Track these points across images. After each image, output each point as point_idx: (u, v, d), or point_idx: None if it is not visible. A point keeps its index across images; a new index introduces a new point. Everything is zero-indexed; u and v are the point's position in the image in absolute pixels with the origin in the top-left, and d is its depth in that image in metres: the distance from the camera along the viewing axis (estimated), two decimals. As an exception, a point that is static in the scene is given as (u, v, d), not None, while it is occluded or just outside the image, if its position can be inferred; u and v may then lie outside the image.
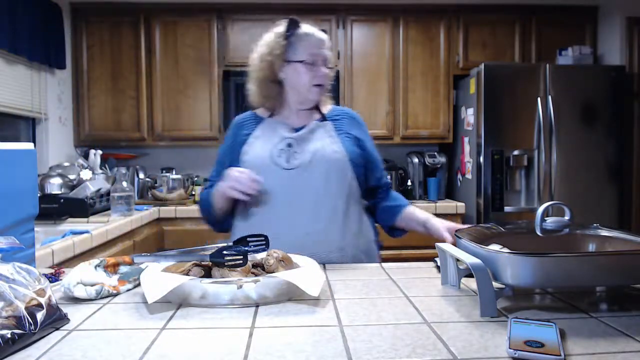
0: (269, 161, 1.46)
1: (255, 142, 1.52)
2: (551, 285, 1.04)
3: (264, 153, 1.48)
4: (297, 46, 1.51)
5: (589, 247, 1.12)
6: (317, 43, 1.52)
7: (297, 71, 1.50)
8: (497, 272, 0.93)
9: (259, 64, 1.55)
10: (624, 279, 0.95)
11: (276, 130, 1.52)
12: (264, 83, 1.55)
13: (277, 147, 1.48)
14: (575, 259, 0.91)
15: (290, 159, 1.46)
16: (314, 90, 1.51)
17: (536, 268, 0.90)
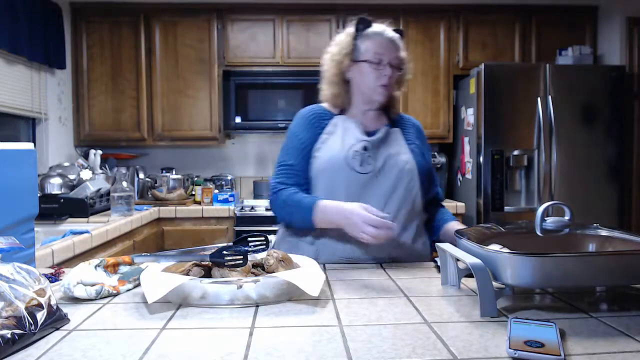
0: (343, 162, 1.43)
1: (328, 139, 1.48)
2: (551, 285, 1.04)
3: (338, 153, 1.44)
4: (363, 46, 1.48)
5: (589, 247, 1.12)
6: (384, 43, 1.48)
7: (362, 71, 1.48)
8: (497, 272, 0.93)
9: (330, 63, 1.54)
10: (624, 279, 0.95)
11: (350, 131, 1.48)
12: (334, 82, 1.54)
13: (353, 149, 1.44)
14: (575, 259, 0.91)
15: (364, 163, 1.43)
16: (379, 90, 1.48)
17: (536, 268, 0.90)
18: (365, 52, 1.48)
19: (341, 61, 1.51)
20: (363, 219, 1.23)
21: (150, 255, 1.14)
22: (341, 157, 1.44)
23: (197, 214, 3.30)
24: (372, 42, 1.48)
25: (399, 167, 1.45)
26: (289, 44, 3.64)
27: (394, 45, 1.49)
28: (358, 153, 1.44)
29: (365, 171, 1.43)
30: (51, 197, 2.65)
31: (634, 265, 0.92)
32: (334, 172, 1.43)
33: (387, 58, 1.47)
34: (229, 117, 3.58)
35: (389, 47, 1.48)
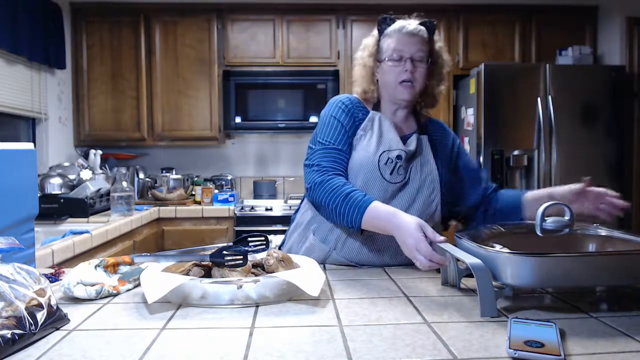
0: (375, 166, 1.38)
1: (364, 137, 1.43)
2: (551, 285, 1.04)
3: (373, 155, 1.39)
4: (384, 45, 1.45)
5: (589, 247, 1.12)
6: (402, 38, 1.42)
7: (383, 70, 1.44)
8: (497, 272, 0.93)
9: (358, 67, 1.51)
10: (624, 279, 0.95)
11: (386, 133, 1.43)
12: (364, 80, 1.50)
13: (386, 155, 1.39)
14: (575, 259, 0.91)
15: (394, 172, 1.39)
16: (400, 88, 1.42)
17: (536, 268, 0.89)
18: (385, 51, 1.44)
19: (367, 64, 1.48)
20: (417, 245, 1.09)
21: (150, 255, 1.14)
22: (374, 160, 1.39)
23: (197, 214, 3.30)
24: (391, 39, 1.44)
25: (421, 179, 1.41)
26: (289, 44, 3.64)
27: (415, 38, 1.42)
28: (391, 161, 1.39)
29: (395, 181, 1.39)
30: (51, 197, 2.65)
31: (634, 265, 0.92)
32: (364, 174, 1.38)
33: (407, 53, 1.41)
34: (229, 117, 3.58)
35: (409, 41, 1.41)
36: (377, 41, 1.47)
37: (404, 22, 1.46)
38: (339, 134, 1.42)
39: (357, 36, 3.68)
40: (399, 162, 1.39)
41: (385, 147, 1.40)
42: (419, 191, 1.41)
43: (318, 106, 3.55)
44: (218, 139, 3.66)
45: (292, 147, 3.98)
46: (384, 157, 1.39)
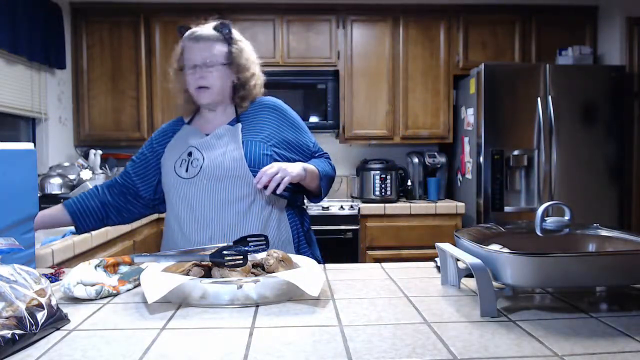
0: (172, 172, 1.47)
1: (167, 153, 1.54)
2: (551, 285, 1.04)
3: (171, 163, 1.49)
4: (183, 53, 1.51)
5: (589, 247, 1.12)
6: (189, 45, 1.48)
7: (185, 78, 1.51)
8: (497, 272, 0.93)
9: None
10: (624, 279, 0.95)
11: (186, 139, 1.52)
12: (175, 91, 1.60)
13: (181, 157, 1.48)
14: (575, 259, 0.91)
15: (189, 168, 1.45)
16: (197, 93, 1.49)
17: (536, 268, 0.90)
18: (183, 58, 1.51)
19: (175, 72, 1.56)
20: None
21: (150, 255, 1.14)
22: (171, 165, 1.48)
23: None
24: (185, 47, 1.50)
25: (223, 166, 1.42)
26: (289, 44, 3.64)
27: (202, 44, 1.46)
28: (184, 160, 1.46)
29: (190, 176, 1.44)
30: (51, 197, 2.65)
31: (634, 265, 0.92)
32: (170, 185, 1.48)
33: (198, 60, 1.46)
34: (229, 117, 3.57)
35: (197, 48, 1.46)
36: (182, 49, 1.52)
37: (195, 29, 1.51)
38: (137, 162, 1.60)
39: (357, 36, 3.68)
40: (190, 157, 1.46)
41: (180, 151, 1.49)
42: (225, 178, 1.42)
43: (318, 106, 3.55)
44: (218, 139, 3.66)
45: (292, 147, 3.98)
46: (178, 162, 1.47)
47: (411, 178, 3.76)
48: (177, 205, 1.47)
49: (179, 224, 1.47)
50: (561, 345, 0.77)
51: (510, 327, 0.86)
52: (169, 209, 1.53)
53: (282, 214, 1.50)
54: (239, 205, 1.43)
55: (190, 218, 1.44)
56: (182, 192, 1.46)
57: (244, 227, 1.42)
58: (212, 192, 1.43)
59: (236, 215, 1.43)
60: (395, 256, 3.30)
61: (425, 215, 3.41)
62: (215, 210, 1.42)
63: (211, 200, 1.43)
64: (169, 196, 1.51)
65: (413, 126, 3.72)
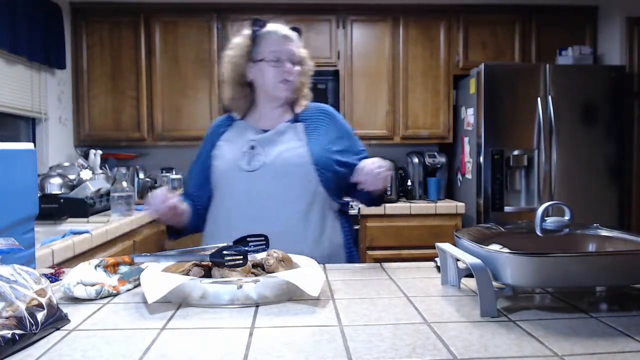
0: (233, 164, 1.47)
1: (223, 145, 1.53)
2: (551, 285, 1.04)
3: (229, 156, 1.49)
4: (260, 45, 1.52)
5: (589, 247, 1.12)
6: (280, 40, 1.52)
7: (262, 70, 1.51)
8: (497, 272, 0.93)
9: (228, 66, 1.58)
10: (624, 279, 0.95)
11: (244, 133, 1.53)
12: (235, 85, 1.58)
13: (241, 150, 1.48)
14: (575, 259, 0.91)
15: (252, 161, 1.45)
16: (280, 87, 1.51)
17: (536, 268, 0.89)
18: (262, 51, 1.51)
19: (239, 63, 1.55)
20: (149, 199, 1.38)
21: (150, 255, 1.14)
22: (231, 159, 1.48)
23: (197, 214, 3.29)
24: (268, 41, 1.52)
25: (289, 162, 1.44)
26: (289, 44, 3.63)
27: (289, 42, 1.52)
28: (246, 153, 1.47)
29: (253, 168, 1.44)
30: (51, 197, 2.65)
31: (634, 265, 0.92)
32: (227, 177, 1.47)
33: (284, 55, 1.50)
34: (229, 117, 3.57)
35: (285, 44, 1.51)
36: (251, 41, 1.54)
37: (276, 25, 1.56)
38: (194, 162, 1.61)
39: (357, 36, 3.68)
40: (254, 151, 1.46)
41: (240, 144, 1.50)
42: (291, 174, 1.43)
43: (318, 106, 3.55)
44: (218, 139, 3.66)
45: (292, 147, 3.97)
46: (239, 154, 1.48)
47: (411, 178, 3.76)
48: (232, 198, 1.47)
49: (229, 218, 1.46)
50: (561, 345, 0.77)
51: (510, 327, 0.86)
52: (218, 204, 1.52)
53: (337, 216, 1.54)
54: (299, 203, 1.44)
55: (245, 212, 1.43)
56: (241, 184, 1.45)
57: (302, 226, 1.44)
58: (274, 187, 1.43)
59: (296, 213, 1.43)
60: (395, 256, 3.29)
61: (425, 215, 3.41)
62: (274, 206, 1.42)
63: (272, 196, 1.43)
64: (222, 189, 1.50)
65: (413, 126, 3.72)
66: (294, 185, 1.44)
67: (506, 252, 0.92)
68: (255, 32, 1.55)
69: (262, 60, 1.51)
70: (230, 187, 1.48)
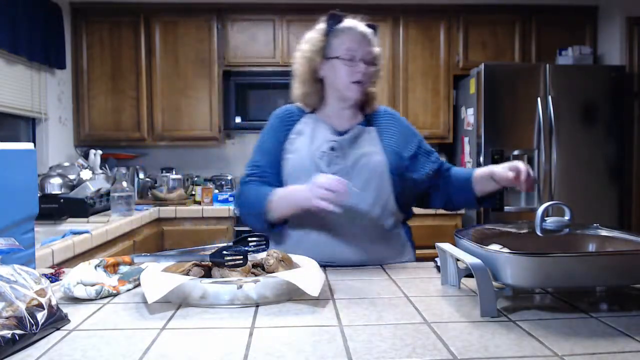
0: (310, 162, 1.39)
1: (297, 140, 1.45)
2: (551, 285, 1.04)
3: (306, 153, 1.41)
4: (335, 42, 1.45)
5: (589, 247, 1.12)
6: (356, 38, 1.45)
7: (335, 68, 1.44)
8: (497, 272, 0.93)
9: (301, 61, 1.50)
10: (624, 279, 0.95)
11: (319, 130, 1.45)
12: (306, 80, 1.50)
13: (320, 149, 1.41)
14: (575, 259, 0.91)
15: (332, 164, 1.38)
16: (352, 87, 1.43)
17: (536, 268, 0.89)
18: (337, 48, 1.44)
19: (313, 58, 1.47)
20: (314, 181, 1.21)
21: (150, 255, 1.14)
22: (308, 156, 1.40)
23: (197, 214, 3.30)
24: (344, 38, 1.45)
25: (370, 167, 1.40)
26: (289, 44, 3.64)
27: (366, 40, 1.46)
28: (326, 153, 1.40)
29: (333, 171, 1.36)
30: (51, 197, 2.65)
31: (634, 265, 0.92)
32: (302, 174, 1.38)
33: (359, 54, 1.43)
34: (229, 117, 3.57)
35: (362, 42, 1.45)
36: (325, 36, 1.47)
37: (353, 21, 1.48)
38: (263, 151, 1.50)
39: (357, 36, 3.67)
40: (334, 152, 1.40)
41: (318, 143, 1.42)
42: (370, 179, 1.39)
43: (318, 106, 3.55)
44: (218, 139, 3.66)
45: (292, 147, 3.97)
46: (318, 153, 1.40)
47: (411, 178, 3.76)
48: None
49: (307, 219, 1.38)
50: (561, 345, 0.77)
51: (510, 327, 0.86)
52: None
53: (404, 225, 1.53)
54: (374, 210, 1.40)
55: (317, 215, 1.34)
56: None
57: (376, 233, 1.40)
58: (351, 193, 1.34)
59: (369, 220, 1.39)
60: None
61: (425, 215, 3.40)
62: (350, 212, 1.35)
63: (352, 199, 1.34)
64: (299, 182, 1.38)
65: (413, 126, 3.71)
66: (370, 191, 1.39)
67: (506, 252, 0.92)
68: (330, 27, 1.47)
69: (336, 58, 1.43)
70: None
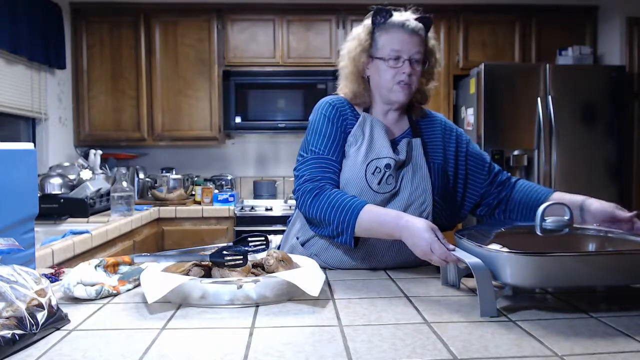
0: (362, 177, 1.31)
1: (354, 144, 1.35)
2: (551, 285, 1.04)
3: (360, 166, 1.32)
4: (380, 40, 1.34)
5: (589, 246, 1.11)
6: (403, 37, 1.32)
7: (379, 68, 1.34)
8: (497, 272, 0.93)
9: (347, 60, 1.40)
10: (624, 279, 0.95)
11: (376, 139, 1.35)
12: (352, 80, 1.40)
13: (375, 164, 1.31)
14: (575, 259, 0.91)
15: (382, 182, 1.31)
16: (397, 89, 1.34)
17: (536, 268, 0.89)
18: (382, 48, 1.33)
19: (358, 58, 1.37)
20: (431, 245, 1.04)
21: (150, 255, 1.14)
22: (362, 170, 1.32)
23: (197, 214, 3.30)
24: (390, 36, 1.33)
25: (413, 188, 1.33)
26: (289, 44, 3.64)
27: (414, 38, 1.33)
28: (379, 170, 1.31)
29: (383, 191, 1.30)
30: (51, 197, 2.65)
31: (634, 265, 0.92)
32: (349, 183, 1.32)
33: (406, 54, 1.32)
34: (229, 117, 3.58)
35: (409, 41, 1.32)
36: (371, 34, 1.36)
37: (402, 16, 1.35)
38: (330, 141, 1.35)
39: (357, 36, 3.67)
40: (388, 171, 1.31)
41: (374, 155, 1.33)
42: (410, 201, 1.33)
43: (318, 106, 3.55)
44: (218, 139, 3.66)
45: (292, 147, 3.98)
46: (372, 166, 1.32)
47: (411, 178, 3.76)
48: None
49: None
50: (561, 345, 0.77)
51: (510, 327, 0.86)
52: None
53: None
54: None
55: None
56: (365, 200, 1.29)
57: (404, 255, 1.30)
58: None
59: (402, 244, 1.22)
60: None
61: (425, 215, 3.41)
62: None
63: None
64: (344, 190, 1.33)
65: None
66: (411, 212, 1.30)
67: (506, 251, 0.92)
68: (376, 23, 1.35)
69: (381, 59, 1.33)
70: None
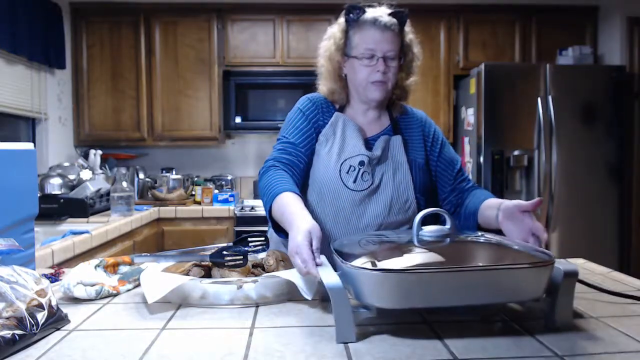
0: (337, 177, 1.30)
1: (325, 144, 1.35)
2: (414, 306, 0.84)
3: (333, 164, 1.32)
4: (354, 39, 1.32)
5: (481, 258, 0.93)
6: (376, 34, 1.30)
7: (354, 67, 1.33)
8: (356, 292, 0.83)
9: (323, 59, 1.40)
10: (493, 297, 0.81)
11: (348, 138, 1.34)
12: (330, 78, 1.39)
13: (347, 163, 1.31)
14: (437, 275, 0.79)
15: (358, 180, 1.30)
16: (372, 88, 1.32)
17: (394, 286, 0.79)
18: (355, 46, 1.32)
19: (334, 57, 1.36)
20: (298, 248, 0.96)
21: (150, 255, 1.14)
22: (335, 168, 1.31)
23: (197, 214, 3.30)
24: (363, 34, 1.31)
25: (394, 187, 1.32)
26: (289, 44, 3.64)
27: (387, 35, 1.31)
28: (353, 168, 1.30)
29: (358, 189, 1.29)
30: (51, 197, 2.65)
31: (506, 280, 0.80)
32: (325, 185, 1.31)
33: (380, 52, 1.30)
34: (229, 117, 3.58)
35: (381, 39, 1.30)
36: (345, 32, 1.35)
37: (375, 12, 1.33)
38: (301, 133, 1.35)
39: (357, 36, 3.67)
40: (362, 168, 1.30)
41: (346, 154, 1.32)
42: (393, 199, 1.32)
43: (318, 106, 3.55)
44: (218, 139, 3.66)
45: (292, 147, 3.97)
46: (346, 166, 1.31)
47: (411, 178, 3.75)
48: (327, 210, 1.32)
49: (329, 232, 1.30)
50: (561, 346, 0.77)
51: (510, 327, 0.86)
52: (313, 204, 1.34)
53: None
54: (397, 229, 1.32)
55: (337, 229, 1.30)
56: (340, 200, 1.30)
57: None
58: (374, 214, 1.30)
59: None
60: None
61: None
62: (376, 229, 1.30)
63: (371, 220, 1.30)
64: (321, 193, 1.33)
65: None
66: (394, 210, 1.32)
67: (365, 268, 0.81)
68: (349, 21, 1.33)
69: (355, 58, 1.31)
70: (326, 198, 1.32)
